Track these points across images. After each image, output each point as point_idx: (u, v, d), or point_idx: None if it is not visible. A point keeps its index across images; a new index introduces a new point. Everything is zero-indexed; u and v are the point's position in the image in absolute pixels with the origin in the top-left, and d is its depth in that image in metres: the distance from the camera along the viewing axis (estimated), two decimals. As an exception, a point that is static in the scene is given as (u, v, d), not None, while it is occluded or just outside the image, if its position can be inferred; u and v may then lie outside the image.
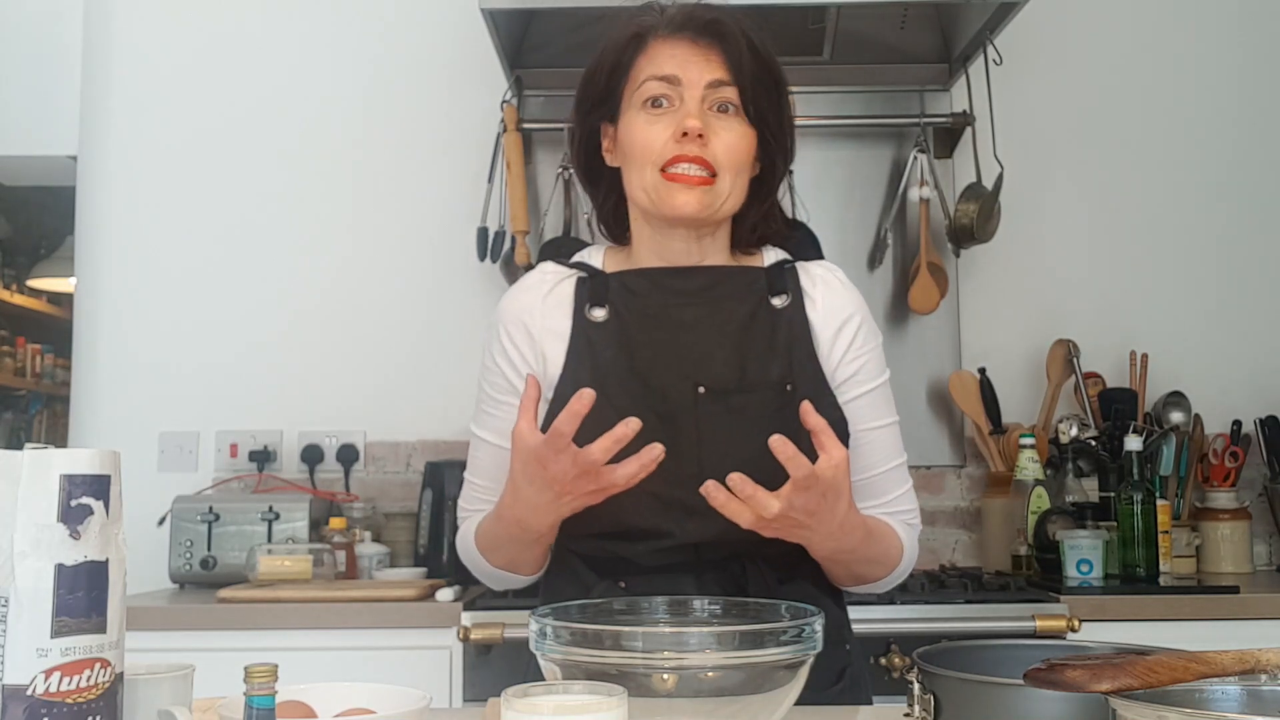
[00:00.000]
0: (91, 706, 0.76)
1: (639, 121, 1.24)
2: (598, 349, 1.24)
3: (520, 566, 1.28)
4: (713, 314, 1.26)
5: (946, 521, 2.70)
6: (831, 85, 2.76)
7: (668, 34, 1.25)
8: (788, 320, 1.27)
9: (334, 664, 2.01)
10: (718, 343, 1.25)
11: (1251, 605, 2.08)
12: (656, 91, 1.23)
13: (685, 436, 1.20)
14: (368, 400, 2.72)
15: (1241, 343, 2.74)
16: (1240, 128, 2.79)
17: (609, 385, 1.22)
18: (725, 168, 1.22)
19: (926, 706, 0.88)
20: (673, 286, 1.27)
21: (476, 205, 2.68)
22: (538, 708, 0.75)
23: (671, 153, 1.21)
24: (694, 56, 1.23)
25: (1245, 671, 0.74)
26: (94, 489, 0.78)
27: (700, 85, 1.22)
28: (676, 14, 1.26)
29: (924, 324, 2.71)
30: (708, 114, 1.22)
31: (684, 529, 1.19)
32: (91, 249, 2.80)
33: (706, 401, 1.22)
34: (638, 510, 1.19)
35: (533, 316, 1.28)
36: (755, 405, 1.22)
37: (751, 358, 1.24)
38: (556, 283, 1.30)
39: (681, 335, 1.25)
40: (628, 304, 1.27)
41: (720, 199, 1.23)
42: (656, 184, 1.23)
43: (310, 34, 2.83)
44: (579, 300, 1.28)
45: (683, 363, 1.24)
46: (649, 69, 1.24)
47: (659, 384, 1.23)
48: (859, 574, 1.26)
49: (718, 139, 1.22)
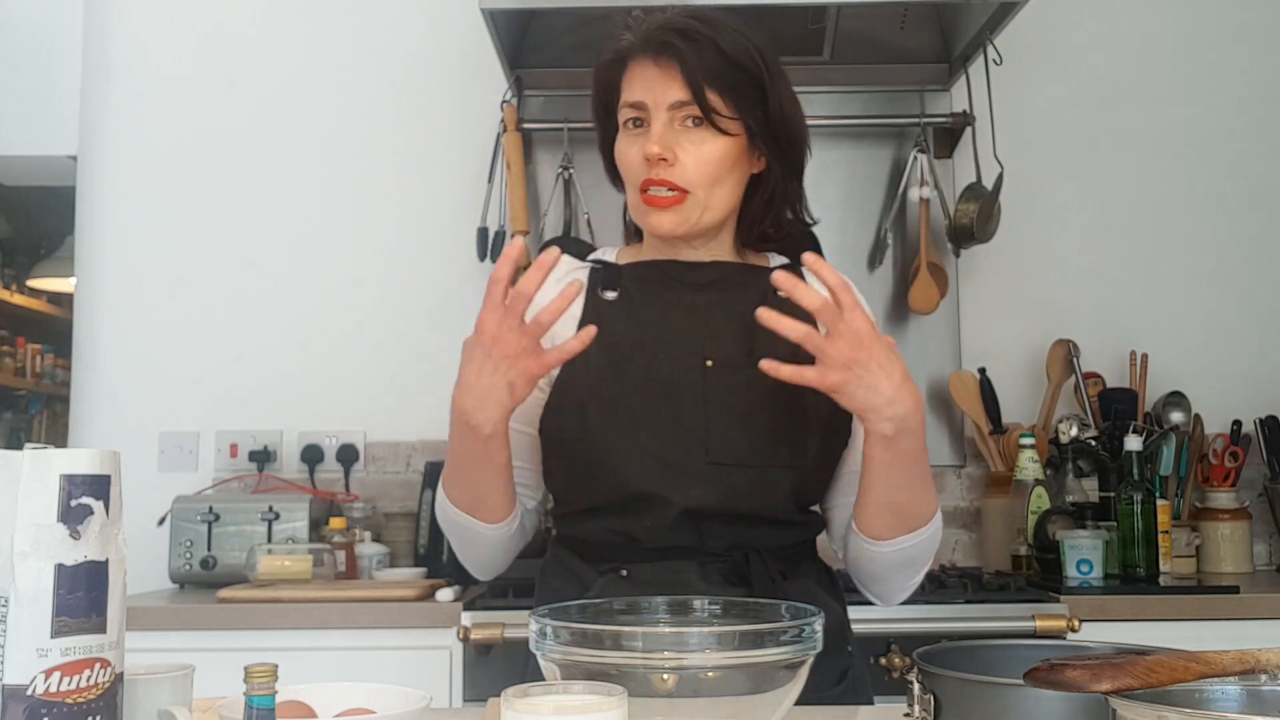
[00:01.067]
0: (91, 706, 0.76)
1: (622, 143, 1.30)
2: (608, 324, 1.26)
3: (481, 503, 1.23)
4: (722, 298, 1.30)
5: (946, 521, 2.68)
6: (831, 85, 2.76)
7: (635, 57, 1.28)
8: (793, 311, 1.26)
9: (334, 664, 2.01)
10: (726, 321, 1.28)
11: (1251, 605, 2.08)
12: (631, 115, 1.28)
13: (692, 408, 1.23)
14: (368, 400, 2.72)
15: (1241, 343, 2.74)
16: (1240, 128, 2.79)
17: (618, 358, 1.25)
18: (697, 183, 1.25)
19: (926, 706, 0.88)
20: (683, 278, 1.31)
21: (476, 205, 2.68)
22: (538, 708, 0.75)
23: (644, 175, 1.25)
24: (657, 79, 1.25)
25: (1245, 671, 0.74)
26: (94, 489, 0.78)
27: (663, 108, 1.25)
28: (644, 32, 1.27)
29: (924, 324, 2.71)
30: (679, 130, 1.25)
31: (685, 495, 1.20)
32: (91, 249, 2.80)
33: (714, 375, 1.25)
34: (640, 475, 1.21)
35: (545, 295, 1.28)
36: (762, 380, 1.20)
37: (760, 335, 1.23)
38: (570, 270, 1.34)
39: (691, 315, 1.29)
40: (639, 287, 1.31)
41: (696, 213, 1.26)
42: (637, 204, 1.28)
43: (310, 34, 2.83)
44: (591, 284, 1.32)
45: (691, 339, 1.27)
46: (625, 94, 1.28)
47: (667, 357, 1.26)
48: (914, 503, 1.22)
49: (687, 154, 1.24)
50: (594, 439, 1.23)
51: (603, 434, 1.23)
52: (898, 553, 1.24)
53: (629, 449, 1.22)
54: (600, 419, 1.23)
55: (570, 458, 1.26)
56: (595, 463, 1.23)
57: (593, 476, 1.24)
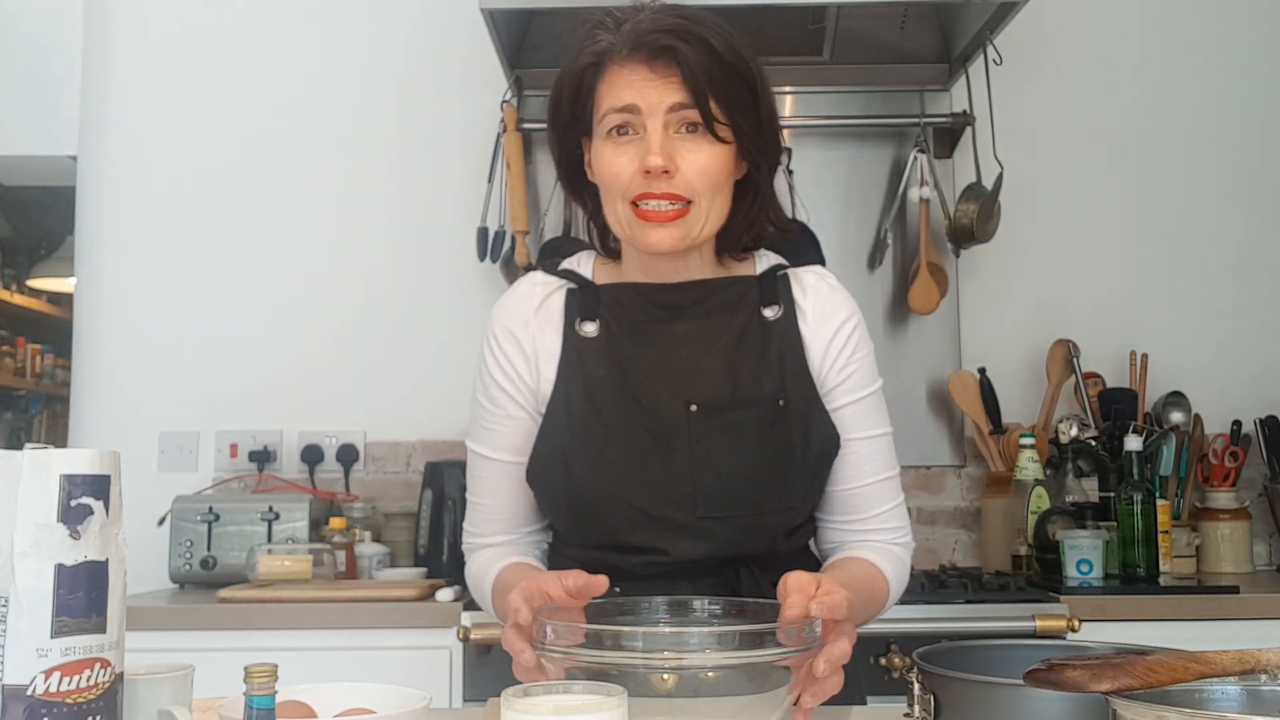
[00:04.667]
0: (91, 706, 0.76)
1: (606, 152, 1.20)
2: (588, 366, 1.23)
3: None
4: (704, 328, 1.24)
5: (946, 521, 2.70)
6: (831, 85, 2.76)
7: (623, 58, 1.19)
8: (779, 333, 1.25)
9: (334, 664, 2.00)
10: (709, 358, 1.23)
11: (1251, 605, 2.08)
12: (618, 122, 1.18)
13: (678, 455, 1.19)
14: (368, 400, 2.72)
15: (1241, 343, 2.74)
16: (1240, 127, 2.79)
17: (600, 403, 1.21)
18: (701, 192, 1.18)
19: (926, 706, 0.88)
20: (663, 301, 1.25)
21: (476, 205, 2.68)
22: (538, 708, 0.75)
23: (640, 189, 1.17)
24: (651, 81, 1.17)
25: (1245, 671, 0.74)
26: (94, 489, 0.78)
27: (660, 111, 1.17)
28: (631, 32, 1.19)
29: (924, 324, 2.71)
30: (674, 138, 1.17)
31: (678, 548, 1.19)
32: (91, 249, 2.80)
33: (699, 419, 1.20)
34: (632, 529, 1.19)
35: (525, 330, 1.27)
36: (748, 421, 1.20)
37: (743, 373, 1.22)
38: (546, 295, 1.28)
39: (673, 351, 1.23)
40: (618, 318, 1.25)
41: (698, 225, 1.19)
42: (630, 219, 1.19)
43: (310, 34, 2.83)
44: (569, 314, 1.26)
45: (674, 380, 1.22)
46: (609, 98, 1.19)
47: (650, 402, 1.21)
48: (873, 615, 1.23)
49: (687, 163, 1.17)
50: (580, 493, 1.20)
51: (588, 488, 1.19)
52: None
53: (616, 504, 1.19)
54: (585, 472, 1.20)
55: (558, 506, 1.24)
56: (583, 514, 1.21)
57: (583, 525, 1.22)
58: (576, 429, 1.21)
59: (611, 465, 1.19)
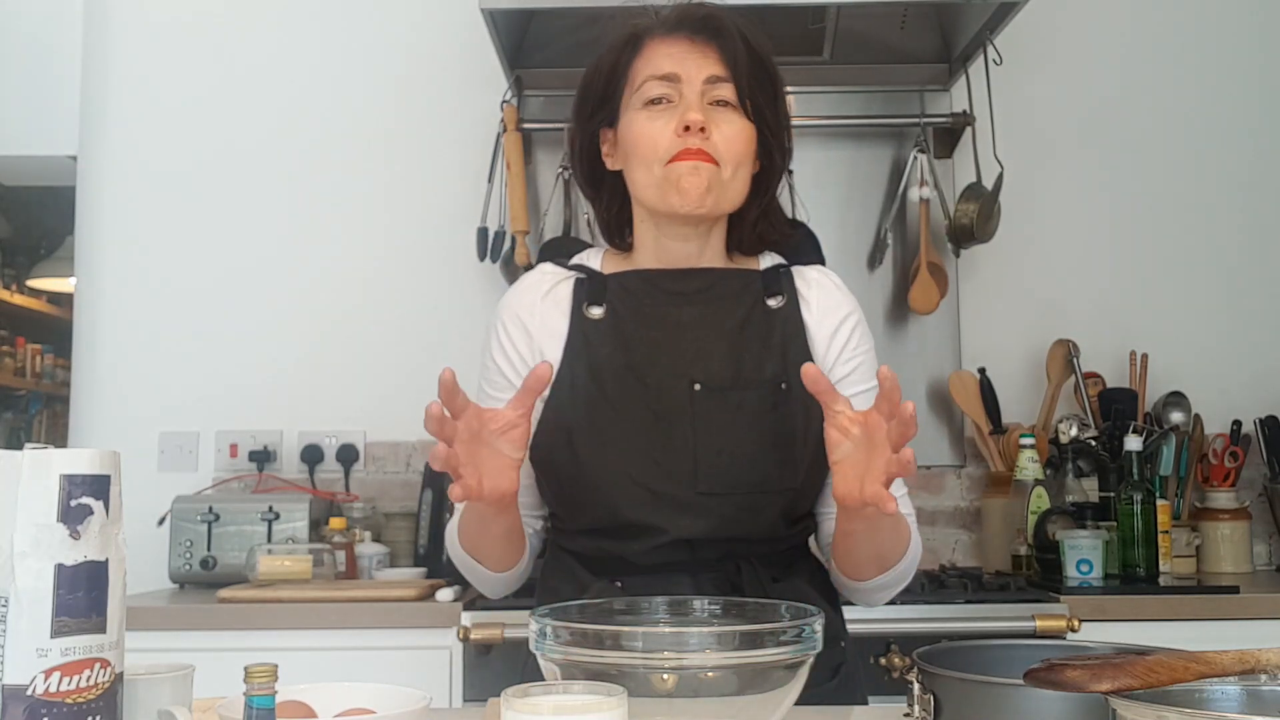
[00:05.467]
0: (91, 706, 0.76)
1: (640, 119, 1.25)
2: (594, 346, 1.25)
3: (489, 555, 1.25)
4: (709, 314, 1.27)
5: (946, 521, 2.70)
6: (831, 85, 2.76)
7: (664, 33, 1.26)
8: (783, 320, 1.27)
9: (334, 664, 2.00)
10: (713, 341, 1.25)
11: (1251, 605, 2.08)
12: (656, 92, 1.24)
13: (680, 433, 1.21)
14: (368, 400, 2.72)
15: (1241, 343, 2.74)
16: (1241, 127, 2.79)
17: (605, 381, 1.23)
18: (727, 160, 1.23)
19: (926, 706, 0.88)
20: (670, 287, 1.28)
21: (476, 205, 2.68)
22: (538, 708, 0.75)
23: (675, 148, 1.22)
24: (691, 53, 1.24)
25: (1245, 671, 0.74)
26: (94, 489, 0.78)
27: (699, 81, 1.23)
28: (671, 14, 1.27)
29: (924, 324, 2.71)
30: (707, 109, 1.23)
31: (677, 525, 1.20)
32: (91, 249, 2.80)
33: (702, 399, 1.22)
34: (631, 505, 1.20)
35: (531, 315, 1.29)
36: (750, 403, 1.22)
37: (747, 356, 1.24)
38: (555, 283, 1.31)
39: (678, 334, 1.26)
40: (625, 303, 1.28)
41: (724, 190, 1.23)
42: (663, 177, 1.22)
43: (310, 34, 2.83)
44: (577, 300, 1.29)
45: (678, 360, 1.24)
46: (647, 69, 1.25)
47: (654, 381, 1.23)
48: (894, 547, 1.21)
49: (718, 131, 1.22)
50: (582, 468, 1.21)
51: (591, 464, 1.21)
52: (879, 585, 1.26)
53: (618, 480, 1.20)
54: (588, 448, 1.21)
55: (560, 483, 1.25)
56: (585, 490, 1.22)
57: (583, 503, 1.23)
58: (580, 406, 1.23)
59: (614, 441, 1.21)
